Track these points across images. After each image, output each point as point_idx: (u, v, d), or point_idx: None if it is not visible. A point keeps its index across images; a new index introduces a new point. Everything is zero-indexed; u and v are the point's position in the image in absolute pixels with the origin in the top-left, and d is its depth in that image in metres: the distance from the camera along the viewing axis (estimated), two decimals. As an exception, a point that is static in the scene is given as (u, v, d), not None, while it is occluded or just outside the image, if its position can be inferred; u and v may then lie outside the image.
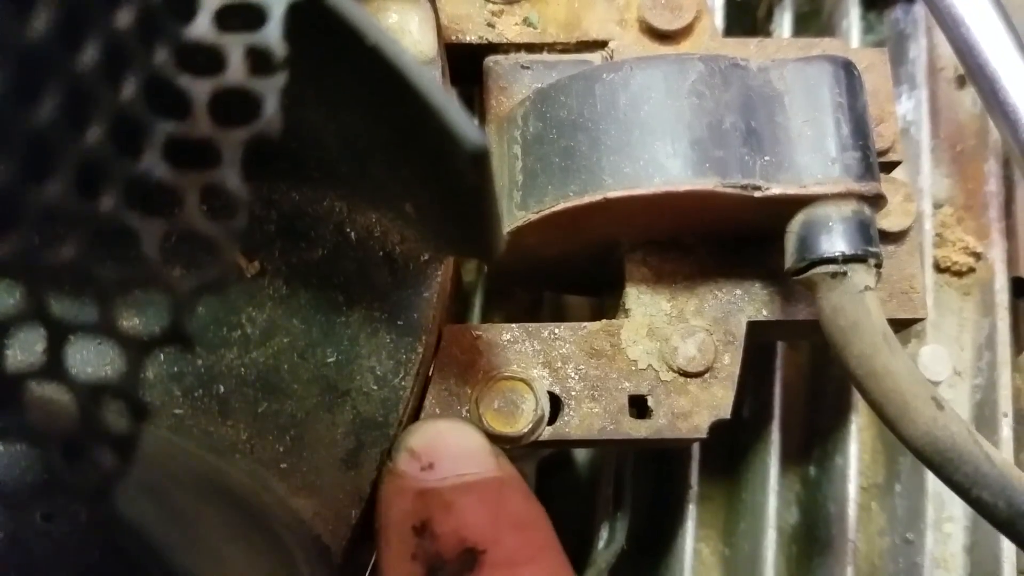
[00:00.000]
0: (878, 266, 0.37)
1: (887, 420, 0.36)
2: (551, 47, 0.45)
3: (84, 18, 0.20)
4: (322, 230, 0.37)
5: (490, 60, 0.45)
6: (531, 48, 0.45)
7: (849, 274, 0.37)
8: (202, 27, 0.24)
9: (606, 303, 0.48)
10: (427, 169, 0.31)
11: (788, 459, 0.52)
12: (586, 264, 0.45)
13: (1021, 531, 0.35)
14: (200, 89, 0.23)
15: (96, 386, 0.22)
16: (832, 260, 0.37)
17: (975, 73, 0.48)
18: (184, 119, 0.23)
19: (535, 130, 0.40)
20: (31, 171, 0.20)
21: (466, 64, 0.45)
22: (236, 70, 0.23)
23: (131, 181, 0.22)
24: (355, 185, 0.36)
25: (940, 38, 0.55)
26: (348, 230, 0.38)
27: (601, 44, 0.45)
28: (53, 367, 0.21)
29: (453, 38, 0.45)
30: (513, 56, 0.45)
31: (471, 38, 0.45)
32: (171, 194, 0.22)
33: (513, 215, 0.40)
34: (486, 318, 0.55)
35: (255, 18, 0.24)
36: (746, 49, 0.45)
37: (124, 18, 0.21)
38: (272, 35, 0.24)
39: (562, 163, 0.38)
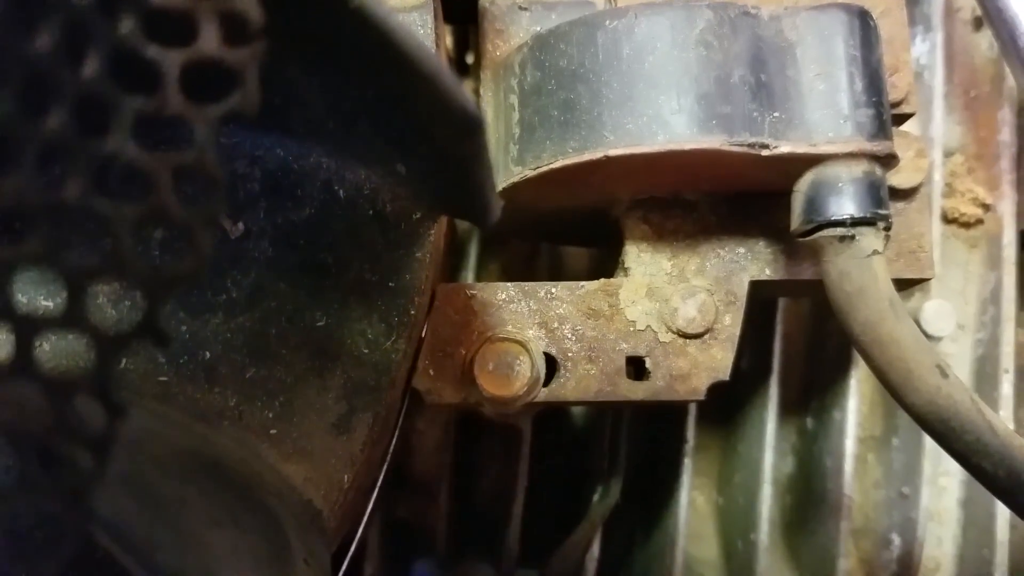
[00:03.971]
0: (887, 229, 0.36)
1: (890, 387, 0.36)
2: (551, -14, 0.43)
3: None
4: (309, 188, 0.36)
5: (486, 0, 0.43)
6: (529, -13, 0.43)
7: (857, 238, 0.35)
8: (171, -9, 0.22)
9: (605, 257, 0.47)
10: (418, 133, 0.29)
11: (786, 410, 0.52)
12: (584, 219, 0.44)
13: (1020, 500, 0.35)
14: (170, 61, 0.21)
15: (68, 383, 0.20)
16: (840, 223, 0.35)
17: (993, 18, 0.46)
18: (153, 94, 0.21)
19: (533, 80, 0.38)
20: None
21: (461, 1, 0.43)
22: (209, 40, 0.22)
23: (98, 164, 0.21)
24: (343, 143, 0.34)
25: (958, -24, 0.52)
26: (336, 188, 0.36)
27: (604, -17, 0.43)
28: (22, 363, 0.20)
29: (447, -24, 0.42)
30: (511, -5, 0.43)
31: (466, -24, 0.42)
32: (142, 178, 0.21)
33: (509, 170, 0.38)
34: (481, 266, 0.54)
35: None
36: (757, -8, 0.42)
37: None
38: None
39: (561, 117, 0.37)
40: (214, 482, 0.29)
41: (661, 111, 0.35)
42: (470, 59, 0.58)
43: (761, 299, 0.43)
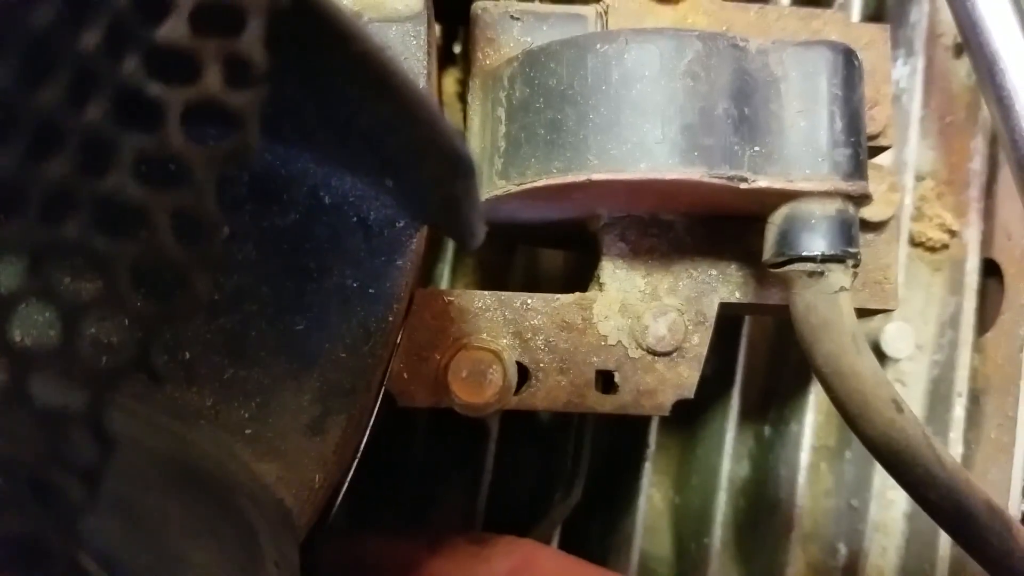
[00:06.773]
0: (855, 266, 0.37)
1: (847, 417, 0.37)
2: (543, -5, 0.43)
3: (47, 48, 0.18)
4: (295, 193, 0.36)
5: (478, 7, 0.43)
6: (522, -6, 0.43)
7: (826, 274, 0.37)
8: (175, 30, 0.22)
9: (580, 262, 0.48)
10: (409, 161, 0.29)
11: (745, 417, 0.54)
12: (563, 229, 0.44)
13: (964, 532, 0.37)
14: (172, 100, 0.22)
15: (61, 415, 0.21)
16: (811, 259, 0.36)
17: (975, 50, 0.47)
18: (154, 132, 0.22)
19: (522, 95, 0.38)
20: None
21: (454, 2, 0.43)
22: (212, 81, 0.22)
23: (98, 202, 0.21)
24: (332, 153, 0.34)
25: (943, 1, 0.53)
26: (322, 194, 0.36)
27: (596, -3, 0.43)
28: (17, 396, 0.21)
29: (441, -20, 0.42)
30: (503, 3, 0.43)
31: (460, -20, 0.43)
32: (140, 216, 0.21)
33: (493, 183, 0.39)
34: (458, 260, 0.54)
35: (233, 21, 0.22)
36: (746, 15, 0.43)
37: (90, 37, 0.19)
38: (251, 42, 0.22)
39: (547, 136, 0.37)
40: (192, 490, 0.30)
41: (645, 139, 0.36)
42: (457, 48, 0.58)
43: (728, 316, 0.45)
